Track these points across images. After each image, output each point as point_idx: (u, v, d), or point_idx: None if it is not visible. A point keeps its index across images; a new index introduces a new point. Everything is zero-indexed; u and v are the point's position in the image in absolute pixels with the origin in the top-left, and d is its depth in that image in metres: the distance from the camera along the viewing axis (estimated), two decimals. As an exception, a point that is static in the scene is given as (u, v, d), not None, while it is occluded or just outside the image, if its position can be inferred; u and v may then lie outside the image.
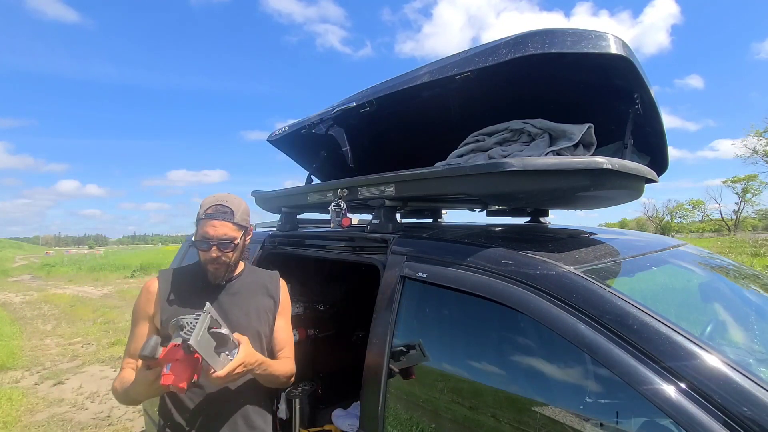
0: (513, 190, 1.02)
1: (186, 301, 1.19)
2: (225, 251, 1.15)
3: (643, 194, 1.24)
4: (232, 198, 1.21)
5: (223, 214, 1.15)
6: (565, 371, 1.05)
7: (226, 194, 1.23)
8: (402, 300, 1.11)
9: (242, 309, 1.23)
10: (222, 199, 1.18)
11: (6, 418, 3.47)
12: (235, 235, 1.16)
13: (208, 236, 1.13)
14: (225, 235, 1.14)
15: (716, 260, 1.69)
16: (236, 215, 1.17)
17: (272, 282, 1.33)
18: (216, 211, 1.15)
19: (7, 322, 7.66)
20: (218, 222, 1.14)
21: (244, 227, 1.20)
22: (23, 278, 19.01)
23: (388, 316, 1.10)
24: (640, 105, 1.18)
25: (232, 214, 1.16)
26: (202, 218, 1.16)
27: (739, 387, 0.64)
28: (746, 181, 37.73)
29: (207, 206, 1.17)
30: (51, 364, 5.01)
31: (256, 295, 1.27)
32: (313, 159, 1.98)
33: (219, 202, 1.17)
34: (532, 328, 1.12)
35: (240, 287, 1.26)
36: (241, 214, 1.19)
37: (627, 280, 1.07)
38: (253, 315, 1.23)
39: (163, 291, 1.22)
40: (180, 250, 2.54)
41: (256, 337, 1.20)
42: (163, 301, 1.21)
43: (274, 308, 1.28)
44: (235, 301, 1.24)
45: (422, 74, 1.25)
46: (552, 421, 0.97)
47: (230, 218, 1.15)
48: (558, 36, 0.99)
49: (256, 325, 1.22)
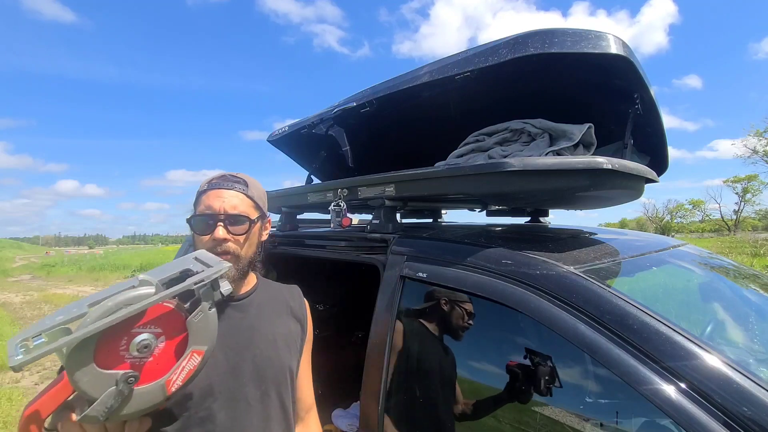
0: (513, 190, 1.02)
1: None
2: (235, 233, 0.83)
3: (643, 194, 1.24)
4: (246, 175, 0.93)
5: (235, 183, 0.86)
6: (565, 371, 1.05)
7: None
8: (402, 300, 1.11)
9: (266, 335, 0.89)
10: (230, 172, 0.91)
11: (6, 418, 3.47)
12: (250, 212, 0.86)
13: (212, 209, 0.82)
14: (235, 208, 0.83)
15: (716, 260, 1.69)
16: (251, 188, 0.89)
17: (295, 299, 1.01)
18: (223, 180, 0.86)
19: (7, 322, 7.66)
20: (227, 191, 0.84)
21: (262, 210, 0.91)
22: (23, 278, 19.01)
23: (388, 316, 1.10)
24: (640, 105, 1.18)
25: (246, 185, 0.88)
26: (203, 190, 0.86)
27: (739, 387, 0.64)
28: (746, 181, 37.77)
29: (210, 178, 0.89)
30: (51, 364, 5.00)
31: (280, 316, 0.94)
32: (313, 159, 1.98)
33: (227, 174, 0.89)
34: (532, 328, 1.12)
35: (260, 304, 0.93)
36: (257, 191, 0.91)
37: (627, 280, 1.07)
38: (281, 345, 0.90)
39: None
40: (180, 251, 2.54)
41: (287, 374, 0.89)
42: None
43: (302, 335, 0.97)
44: (255, 324, 0.89)
45: (422, 74, 1.25)
46: (552, 421, 0.97)
47: (244, 189, 0.87)
48: (558, 36, 0.99)
49: (287, 357, 0.90)
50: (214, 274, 0.66)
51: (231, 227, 0.83)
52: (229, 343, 0.84)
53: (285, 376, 0.89)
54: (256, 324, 0.90)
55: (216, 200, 0.83)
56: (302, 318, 0.99)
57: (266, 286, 1.01)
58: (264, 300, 0.95)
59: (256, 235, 0.90)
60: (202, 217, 0.83)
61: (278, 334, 0.91)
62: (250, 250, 0.89)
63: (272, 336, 0.90)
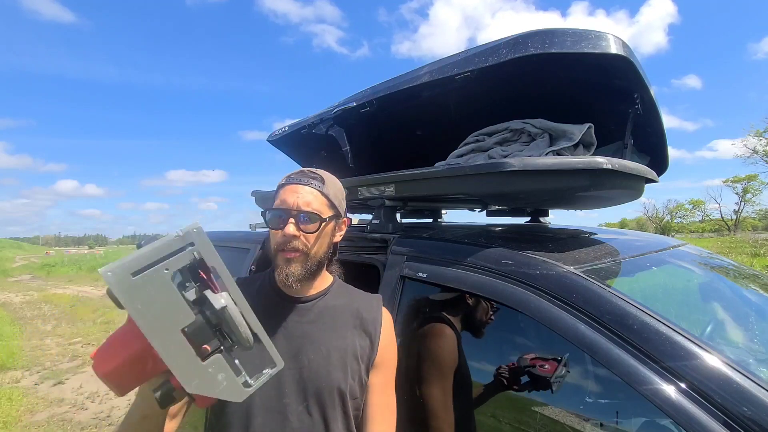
0: (513, 190, 1.02)
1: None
2: (306, 230, 0.79)
3: (643, 194, 1.24)
4: (325, 172, 0.89)
5: (312, 180, 0.83)
6: (567, 368, 1.05)
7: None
8: (402, 300, 1.11)
9: (319, 346, 0.82)
10: (309, 168, 0.88)
11: (6, 418, 3.47)
12: (323, 210, 0.82)
13: (286, 204, 0.80)
14: (308, 205, 0.79)
15: (716, 260, 1.69)
16: (327, 186, 0.84)
17: (371, 310, 0.89)
18: (301, 175, 0.84)
19: (7, 322, 7.66)
20: (301, 187, 0.82)
21: (337, 209, 0.86)
22: (23, 278, 19.02)
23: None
24: (640, 105, 1.18)
25: (323, 182, 0.84)
26: (282, 184, 0.85)
27: (739, 387, 0.64)
28: (746, 181, 37.78)
29: (288, 175, 0.86)
30: (51, 364, 5.01)
31: (343, 327, 0.86)
32: (313, 159, 1.98)
33: (306, 170, 0.86)
34: (532, 328, 1.13)
35: (322, 311, 0.86)
36: (334, 189, 0.86)
37: (627, 280, 1.07)
38: (335, 360, 0.81)
39: None
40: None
41: (335, 395, 0.79)
42: None
43: (369, 353, 0.85)
44: (310, 331, 0.83)
45: (422, 74, 1.25)
46: (552, 421, 0.97)
47: (319, 186, 0.83)
48: (558, 36, 0.99)
49: (338, 376, 0.80)
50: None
51: (302, 224, 0.79)
52: (278, 346, 0.79)
53: (332, 397, 0.79)
54: (310, 332, 0.83)
55: (291, 195, 0.81)
56: (373, 334, 0.86)
57: (341, 292, 0.92)
58: (330, 306, 0.87)
59: (329, 234, 0.85)
60: (275, 211, 0.81)
61: (334, 348, 0.82)
62: (320, 249, 0.83)
63: (326, 348, 0.81)
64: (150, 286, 0.48)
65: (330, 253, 0.89)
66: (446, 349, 1.06)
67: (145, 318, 0.48)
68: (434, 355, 1.06)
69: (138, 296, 0.47)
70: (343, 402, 0.80)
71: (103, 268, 0.47)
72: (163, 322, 0.49)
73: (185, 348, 0.50)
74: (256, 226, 2.15)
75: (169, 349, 0.49)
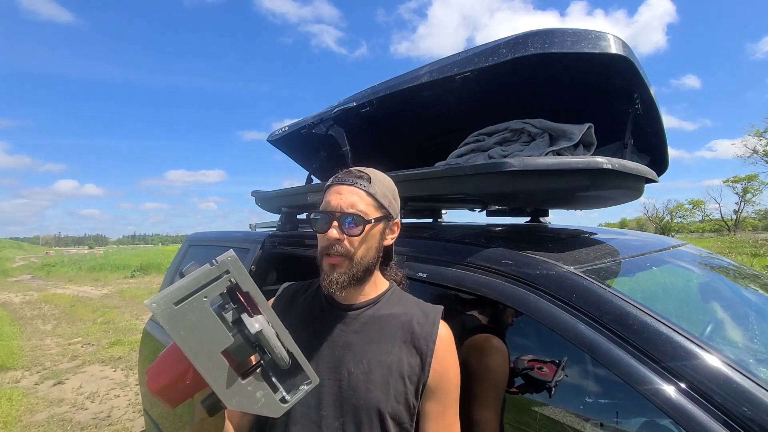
0: (513, 190, 1.02)
1: (292, 331, 0.82)
2: (350, 233, 0.74)
3: (643, 194, 1.24)
4: (373, 169, 0.83)
5: (357, 179, 0.78)
6: (566, 371, 1.05)
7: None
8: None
9: (361, 359, 0.75)
10: (359, 167, 0.82)
11: (6, 418, 3.47)
12: (369, 211, 0.76)
13: (329, 207, 0.75)
14: (352, 206, 0.74)
15: (716, 260, 1.69)
16: (374, 184, 0.78)
17: (425, 323, 0.79)
18: (347, 175, 0.79)
19: (7, 322, 7.66)
20: (346, 187, 0.76)
21: (386, 210, 0.79)
22: (23, 278, 19.02)
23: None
24: (640, 105, 1.18)
25: (369, 181, 0.78)
26: (328, 185, 0.80)
27: (739, 387, 0.64)
28: (746, 181, 37.80)
29: (336, 175, 0.82)
30: (51, 364, 5.01)
31: (390, 340, 0.77)
32: (313, 159, 1.98)
33: (354, 169, 0.81)
34: (533, 328, 1.12)
35: (368, 321, 0.79)
36: (382, 187, 0.80)
37: (627, 280, 1.07)
38: (377, 378, 0.74)
39: (277, 311, 0.83)
40: (180, 251, 2.54)
41: (373, 415, 0.72)
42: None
43: (419, 374, 0.75)
44: (353, 342, 0.77)
45: (422, 74, 1.25)
46: (552, 421, 0.97)
47: (364, 185, 0.77)
48: (558, 36, 0.99)
49: (378, 396, 0.72)
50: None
51: (346, 227, 0.74)
52: (320, 355, 0.76)
53: (370, 417, 0.72)
54: (353, 342, 0.77)
55: (334, 197, 0.76)
56: (424, 352, 0.76)
57: (395, 301, 0.83)
58: (378, 316, 0.80)
59: (376, 237, 0.79)
60: (319, 215, 0.77)
61: (376, 363, 0.75)
62: (367, 253, 0.77)
63: (367, 363, 0.74)
64: (191, 314, 0.52)
65: (380, 257, 0.82)
66: (503, 364, 0.96)
67: (188, 343, 0.52)
68: (492, 373, 0.95)
69: (181, 323, 0.52)
70: (382, 424, 0.72)
71: (148, 301, 0.51)
72: (204, 346, 0.53)
73: (225, 368, 0.54)
74: (256, 226, 2.15)
75: (211, 370, 0.53)
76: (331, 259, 0.75)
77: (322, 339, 0.79)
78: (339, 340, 0.78)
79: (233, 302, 0.58)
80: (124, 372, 4.65)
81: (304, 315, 0.84)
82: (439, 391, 0.76)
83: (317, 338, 0.79)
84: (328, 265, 0.76)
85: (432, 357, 0.76)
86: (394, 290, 0.87)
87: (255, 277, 1.68)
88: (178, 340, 0.51)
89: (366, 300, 0.82)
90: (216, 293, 0.55)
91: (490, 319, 1.13)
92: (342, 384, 0.74)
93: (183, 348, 0.51)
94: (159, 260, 19.24)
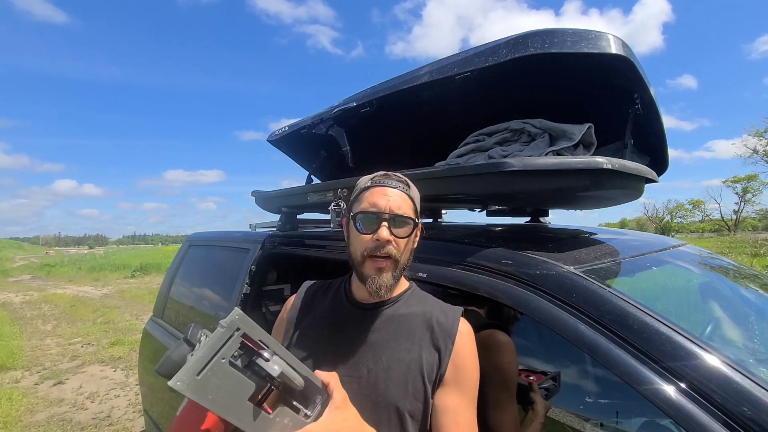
0: (513, 190, 1.02)
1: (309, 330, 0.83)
2: (399, 235, 0.75)
3: (643, 194, 1.24)
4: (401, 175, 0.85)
5: (399, 183, 0.79)
6: (565, 371, 1.05)
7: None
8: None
9: (380, 356, 0.76)
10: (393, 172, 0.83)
11: (6, 418, 3.47)
12: (412, 215, 0.78)
13: (378, 207, 0.75)
14: (400, 209, 0.76)
15: (716, 260, 1.69)
16: (413, 191, 0.82)
17: (444, 321, 0.80)
18: (387, 178, 0.80)
19: (7, 322, 7.66)
20: (391, 190, 0.77)
21: (419, 215, 0.82)
22: (23, 278, 19.02)
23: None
24: (640, 105, 1.18)
25: (408, 186, 0.80)
26: (366, 186, 0.80)
27: (739, 387, 0.64)
28: (746, 181, 37.81)
29: (371, 176, 0.82)
30: (51, 364, 5.01)
31: (410, 338, 0.78)
32: (313, 159, 1.98)
33: (390, 172, 0.82)
34: (533, 328, 1.12)
35: (389, 319, 0.80)
36: (416, 195, 0.83)
37: (627, 280, 1.07)
38: (396, 376, 0.74)
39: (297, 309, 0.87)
40: (180, 251, 2.54)
41: (392, 414, 0.72)
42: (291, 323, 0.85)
43: (437, 368, 0.76)
44: (373, 340, 0.78)
45: (422, 74, 1.25)
46: (552, 421, 0.97)
47: (407, 190, 0.80)
48: (558, 36, 0.99)
49: (396, 393, 0.73)
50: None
51: (395, 229, 0.75)
52: (339, 353, 0.77)
53: (389, 416, 0.72)
54: (373, 340, 0.77)
55: (381, 198, 0.76)
56: (443, 350, 0.76)
57: (414, 300, 0.84)
58: (398, 314, 0.80)
59: (413, 240, 0.81)
60: (366, 214, 0.76)
61: (396, 361, 0.75)
62: (407, 255, 0.80)
63: (387, 360, 0.74)
64: (214, 378, 0.56)
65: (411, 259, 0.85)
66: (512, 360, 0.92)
67: (217, 403, 0.55)
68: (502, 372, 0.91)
69: (207, 390, 0.55)
70: (401, 421, 0.71)
71: (172, 381, 0.53)
72: (231, 400, 0.56)
73: (251, 410, 0.58)
74: (257, 226, 2.15)
75: (242, 417, 0.57)
76: (378, 263, 0.76)
77: (342, 337, 0.80)
78: (359, 338, 0.79)
79: (241, 348, 0.60)
80: (124, 372, 4.65)
81: (324, 314, 0.85)
82: (456, 384, 0.75)
83: (337, 336, 0.81)
84: (375, 269, 0.76)
85: (450, 350, 0.77)
86: (414, 290, 0.88)
87: (255, 277, 1.68)
88: (206, 405, 0.54)
89: (389, 298, 0.82)
90: (232, 352, 0.58)
91: (492, 315, 1.12)
92: (361, 381, 0.75)
93: (213, 409, 0.54)
94: (159, 260, 19.24)
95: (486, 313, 1.11)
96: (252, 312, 1.76)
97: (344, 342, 0.79)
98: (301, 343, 0.83)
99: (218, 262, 2.10)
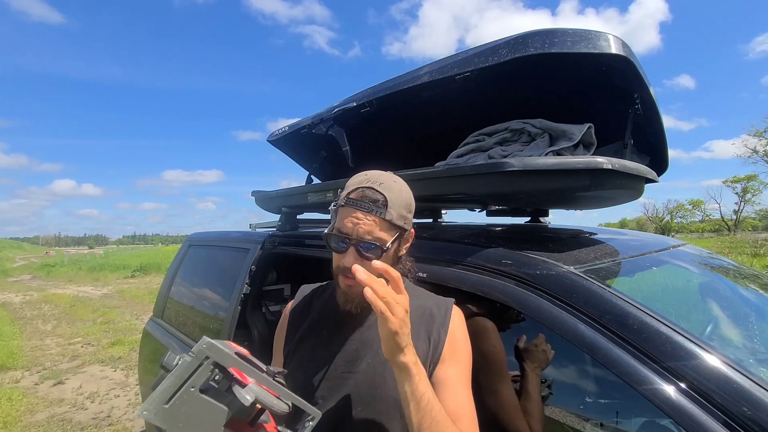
0: (513, 190, 1.02)
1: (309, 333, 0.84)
2: (368, 258, 0.75)
3: (643, 194, 1.24)
4: (390, 181, 0.81)
5: (372, 204, 0.76)
6: (565, 371, 1.05)
7: (385, 174, 0.83)
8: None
9: (378, 350, 0.76)
10: (375, 180, 0.79)
11: (6, 418, 3.47)
12: (384, 237, 0.76)
13: (343, 231, 0.76)
14: (368, 234, 0.75)
15: (716, 260, 1.69)
16: (391, 208, 0.77)
17: (437, 313, 0.83)
18: (362, 197, 0.77)
19: (7, 322, 7.66)
20: (362, 214, 0.76)
21: (400, 228, 0.79)
22: (23, 278, 19.02)
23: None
24: (640, 105, 1.18)
25: (385, 206, 0.77)
26: (341, 204, 0.79)
27: (739, 387, 0.64)
28: (746, 181, 37.82)
29: (352, 188, 0.80)
30: (51, 364, 5.01)
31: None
32: (313, 159, 1.98)
33: (370, 184, 0.78)
34: (532, 328, 1.12)
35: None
36: (398, 207, 0.79)
37: (627, 280, 1.07)
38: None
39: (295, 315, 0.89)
40: (180, 251, 2.54)
41: (392, 407, 0.74)
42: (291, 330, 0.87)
43: (430, 354, 0.78)
44: (369, 337, 0.81)
45: (422, 74, 1.25)
46: (552, 421, 0.97)
47: (380, 212, 0.76)
48: (558, 36, 0.99)
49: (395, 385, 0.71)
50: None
51: (365, 252, 0.75)
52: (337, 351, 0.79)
53: (389, 409, 0.74)
54: (369, 337, 0.79)
55: (350, 222, 0.76)
56: (438, 339, 0.79)
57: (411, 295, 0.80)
58: None
59: (391, 256, 0.80)
60: (334, 236, 0.78)
61: None
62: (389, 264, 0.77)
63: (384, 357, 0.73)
64: (184, 407, 0.54)
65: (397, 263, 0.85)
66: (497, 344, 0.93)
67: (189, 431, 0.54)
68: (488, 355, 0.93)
69: (177, 419, 0.54)
70: (401, 415, 0.71)
71: (139, 411, 0.53)
72: (206, 428, 0.55)
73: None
74: (256, 226, 2.15)
75: None
76: (348, 281, 0.77)
77: (339, 336, 0.83)
78: (357, 336, 0.82)
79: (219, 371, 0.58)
80: (124, 372, 4.65)
81: (321, 315, 0.88)
82: (452, 359, 0.78)
83: (334, 336, 0.83)
84: (346, 285, 0.78)
85: (444, 335, 0.80)
86: (409, 283, 0.89)
87: (255, 277, 1.68)
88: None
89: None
90: (202, 380, 0.56)
91: (492, 316, 1.12)
92: (359, 377, 0.77)
93: None
94: (159, 260, 19.23)
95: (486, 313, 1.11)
96: (252, 312, 1.76)
97: (343, 341, 0.82)
98: (302, 347, 0.86)
99: (218, 262, 2.11)
